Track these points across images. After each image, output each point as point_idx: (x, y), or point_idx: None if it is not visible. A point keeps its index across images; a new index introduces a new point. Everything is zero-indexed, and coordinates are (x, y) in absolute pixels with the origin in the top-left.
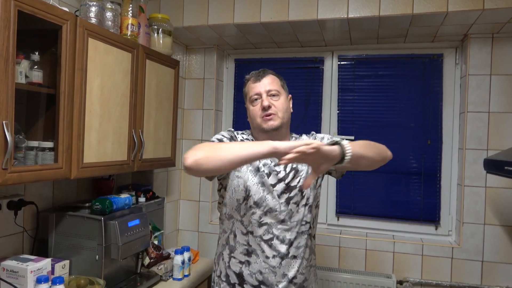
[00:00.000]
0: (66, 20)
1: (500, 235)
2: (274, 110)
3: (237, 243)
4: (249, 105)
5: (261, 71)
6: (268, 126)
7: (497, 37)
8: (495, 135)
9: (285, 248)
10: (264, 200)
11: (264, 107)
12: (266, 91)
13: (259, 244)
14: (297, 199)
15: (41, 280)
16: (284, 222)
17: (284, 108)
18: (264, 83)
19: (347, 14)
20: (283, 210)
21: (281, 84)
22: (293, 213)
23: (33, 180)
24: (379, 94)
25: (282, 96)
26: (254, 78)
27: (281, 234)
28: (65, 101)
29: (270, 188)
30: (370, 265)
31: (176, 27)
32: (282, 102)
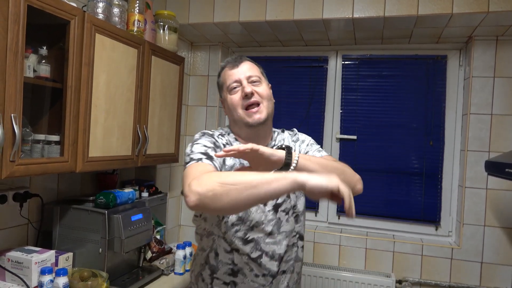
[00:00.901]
0: (74, 16)
1: (500, 237)
2: (258, 98)
3: (220, 263)
4: (227, 94)
5: (237, 56)
6: (255, 120)
7: (502, 39)
8: (497, 137)
9: (275, 265)
10: (249, 213)
11: (246, 94)
12: (247, 77)
13: (246, 262)
14: (286, 206)
15: (45, 272)
16: (272, 234)
17: (268, 95)
18: (243, 69)
19: (352, 14)
20: (270, 220)
21: (261, 71)
22: (282, 223)
23: (40, 173)
24: (382, 94)
25: (263, 83)
26: (231, 64)
27: (270, 249)
28: (71, 96)
29: None
30: (370, 264)
31: (182, 24)
32: (264, 88)
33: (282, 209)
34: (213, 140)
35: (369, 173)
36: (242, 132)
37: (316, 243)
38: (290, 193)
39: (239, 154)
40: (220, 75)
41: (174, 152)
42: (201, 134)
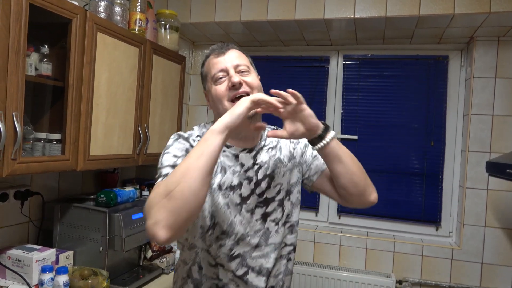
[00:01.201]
0: (76, 14)
1: (500, 238)
2: (247, 88)
3: (204, 277)
4: (211, 85)
5: (224, 44)
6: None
7: (503, 40)
8: (498, 138)
9: (263, 281)
10: (234, 225)
11: (234, 84)
12: (234, 66)
13: (232, 279)
14: (277, 216)
15: (45, 270)
16: (259, 247)
17: (258, 86)
18: (230, 57)
19: (353, 14)
20: (257, 230)
21: (250, 61)
22: (271, 234)
23: (41, 171)
24: (383, 94)
25: (253, 73)
26: (217, 51)
27: (257, 263)
28: (73, 94)
29: (241, 205)
30: (370, 264)
31: (183, 23)
32: (253, 78)
33: (272, 218)
34: (185, 146)
35: (370, 173)
36: None
37: (316, 243)
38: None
39: (279, 104)
40: (204, 64)
41: None
42: (174, 139)
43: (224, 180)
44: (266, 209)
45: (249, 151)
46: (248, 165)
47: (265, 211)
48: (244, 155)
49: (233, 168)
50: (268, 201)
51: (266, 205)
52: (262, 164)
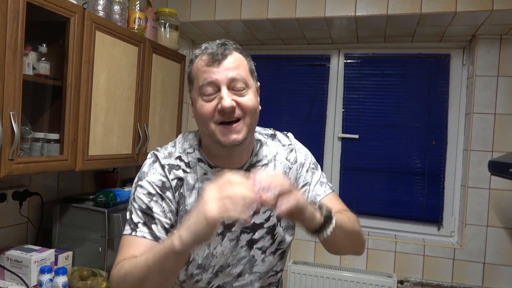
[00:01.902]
0: (74, 13)
1: (503, 238)
2: (240, 113)
3: None
4: (198, 97)
5: (221, 44)
6: (229, 141)
7: (506, 38)
8: (500, 137)
9: None
10: (212, 258)
11: (224, 109)
12: (228, 81)
13: None
14: (264, 244)
15: (44, 270)
16: (241, 276)
17: (254, 108)
18: (225, 68)
19: (354, 12)
20: (242, 257)
21: (249, 67)
22: (256, 262)
23: (39, 171)
24: (384, 93)
25: (250, 90)
26: (210, 56)
27: None
28: (71, 94)
29: (224, 234)
30: (371, 264)
31: (183, 22)
32: (251, 98)
33: (258, 246)
34: (160, 179)
35: (371, 173)
36: (212, 148)
37: (317, 242)
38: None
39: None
40: (193, 63)
41: None
42: (149, 164)
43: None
44: (252, 236)
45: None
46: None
47: (252, 237)
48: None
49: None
50: (255, 228)
51: (253, 232)
52: None
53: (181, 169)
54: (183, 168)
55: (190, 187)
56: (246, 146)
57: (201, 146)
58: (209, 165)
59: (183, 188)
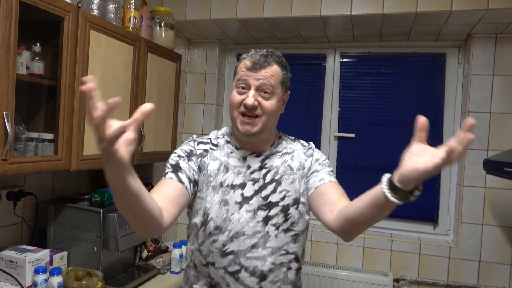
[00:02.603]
0: (68, 12)
1: (498, 236)
2: (259, 112)
3: (200, 274)
4: (234, 88)
5: (264, 55)
6: (244, 130)
7: (501, 37)
8: (495, 135)
9: (255, 282)
10: (229, 222)
11: (245, 105)
12: (257, 86)
13: (223, 277)
14: (278, 220)
15: (39, 271)
16: (255, 247)
17: (273, 111)
18: (259, 75)
19: (350, 11)
20: (257, 231)
21: (282, 79)
22: (270, 237)
23: (33, 171)
24: (380, 92)
25: (275, 96)
26: (252, 63)
27: (251, 264)
28: (66, 93)
29: (242, 204)
30: (367, 262)
31: (179, 21)
32: (272, 103)
33: (273, 222)
34: (190, 148)
35: (367, 171)
36: (236, 133)
37: (313, 241)
38: (112, 168)
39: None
40: (240, 62)
41: (171, 150)
42: (187, 140)
43: (225, 178)
44: (268, 213)
45: (257, 155)
46: (254, 168)
47: (267, 214)
48: (252, 158)
49: (239, 168)
50: (271, 205)
51: (269, 209)
52: (271, 168)
53: (208, 145)
54: (210, 145)
55: (214, 158)
56: (262, 139)
57: (231, 133)
58: (235, 147)
59: (207, 158)
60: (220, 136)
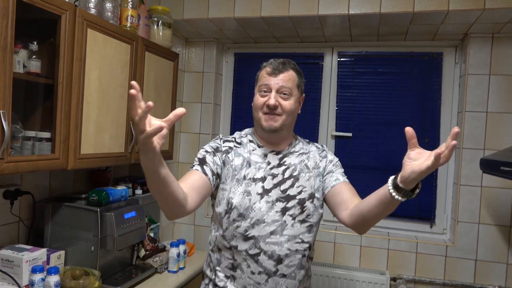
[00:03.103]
0: (65, 10)
1: (494, 235)
2: (280, 111)
3: (222, 257)
4: (257, 93)
5: (282, 63)
6: (268, 126)
7: (497, 37)
8: (492, 135)
9: (273, 265)
10: (251, 210)
11: (268, 106)
12: (278, 88)
13: (244, 259)
14: (295, 211)
15: (36, 270)
16: (274, 234)
17: (291, 110)
18: (278, 79)
19: (348, 11)
20: (275, 220)
21: (298, 82)
22: (287, 226)
23: (30, 170)
24: (378, 91)
25: (293, 97)
26: (271, 69)
27: (270, 248)
28: (63, 92)
29: (262, 195)
30: (364, 261)
31: (176, 20)
32: (290, 103)
33: (290, 213)
34: (216, 145)
35: (364, 171)
36: (259, 132)
37: None
38: (148, 157)
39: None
40: (260, 70)
41: (168, 149)
42: (214, 138)
43: (248, 172)
44: (286, 204)
45: (276, 153)
46: (273, 164)
47: (285, 205)
48: (272, 156)
49: (260, 164)
50: (289, 198)
51: (287, 201)
52: (290, 165)
53: (233, 143)
54: (234, 143)
55: (238, 154)
56: (282, 136)
57: (254, 133)
58: (257, 145)
59: (231, 154)
60: (244, 136)
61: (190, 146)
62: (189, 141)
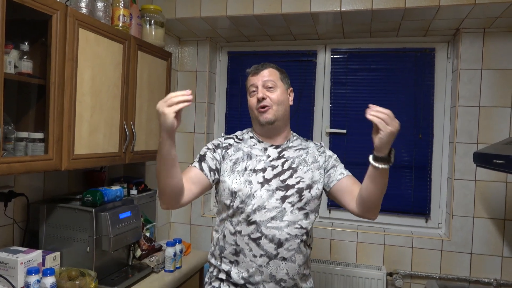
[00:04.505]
0: (56, 10)
1: (489, 228)
2: (269, 102)
3: (226, 243)
4: (248, 95)
5: (261, 64)
6: (263, 119)
7: (489, 31)
8: (485, 129)
9: (273, 248)
10: (252, 197)
11: (258, 99)
12: (263, 82)
13: (247, 243)
14: (293, 199)
15: (31, 272)
16: (274, 219)
17: (280, 100)
18: (261, 75)
19: (340, 7)
20: (275, 207)
21: (280, 76)
22: (286, 212)
23: (23, 171)
24: (371, 87)
25: (279, 88)
26: (254, 70)
27: (270, 233)
28: (55, 92)
29: (263, 184)
30: (361, 257)
31: (169, 19)
32: (277, 94)
33: (289, 201)
34: (218, 142)
35: (359, 167)
36: (257, 129)
37: None
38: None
39: (386, 118)
40: (247, 77)
41: None
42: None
43: (249, 164)
44: (285, 193)
45: (276, 147)
46: (273, 157)
47: (285, 194)
48: (271, 149)
49: (260, 157)
50: (288, 187)
51: (286, 190)
52: (288, 158)
53: (233, 140)
54: (235, 140)
55: (238, 149)
56: (278, 128)
57: (253, 131)
58: (257, 141)
59: (230, 150)
60: (245, 133)
61: (185, 146)
62: (183, 140)
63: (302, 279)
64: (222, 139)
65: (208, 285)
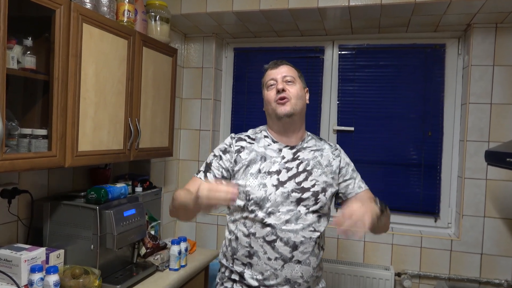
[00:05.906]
0: (59, 5)
1: (500, 228)
2: (288, 94)
3: (239, 245)
4: (265, 91)
5: (279, 60)
6: (281, 111)
7: (501, 27)
8: (496, 126)
9: (288, 251)
10: (267, 201)
11: (278, 90)
12: (282, 77)
13: (261, 245)
14: (309, 203)
15: (35, 269)
16: (289, 222)
17: (299, 95)
18: (281, 70)
19: (348, 2)
20: (290, 210)
21: (298, 75)
22: (301, 215)
23: (26, 168)
24: (379, 84)
25: (297, 84)
26: (272, 65)
27: (285, 236)
28: (59, 88)
29: (278, 187)
30: (368, 257)
31: (174, 15)
32: (297, 89)
33: (304, 204)
34: (225, 146)
35: (367, 165)
36: (274, 125)
37: None
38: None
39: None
40: (263, 74)
41: (168, 145)
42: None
43: (263, 166)
44: (301, 195)
45: (290, 148)
46: (288, 158)
47: (300, 196)
48: (286, 150)
49: (275, 158)
50: (304, 190)
51: (302, 192)
52: (303, 160)
53: (246, 141)
54: (248, 140)
55: (251, 150)
56: (295, 123)
57: (268, 130)
58: (272, 140)
59: (243, 153)
60: (258, 132)
61: (191, 143)
62: (189, 137)
63: (315, 281)
64: (234, 141)
65: (220, 286)
